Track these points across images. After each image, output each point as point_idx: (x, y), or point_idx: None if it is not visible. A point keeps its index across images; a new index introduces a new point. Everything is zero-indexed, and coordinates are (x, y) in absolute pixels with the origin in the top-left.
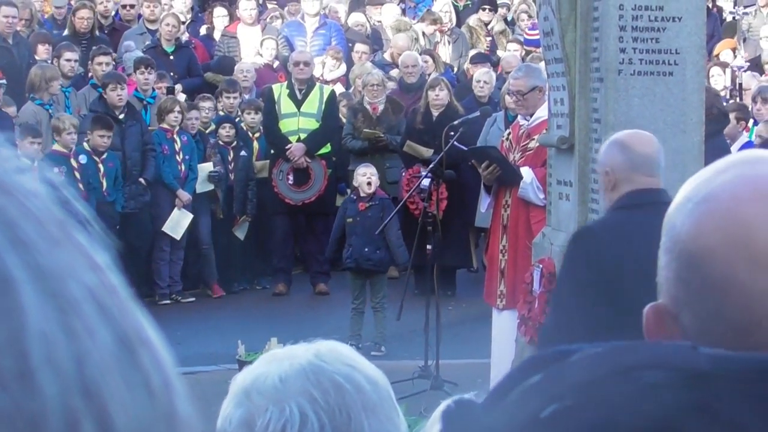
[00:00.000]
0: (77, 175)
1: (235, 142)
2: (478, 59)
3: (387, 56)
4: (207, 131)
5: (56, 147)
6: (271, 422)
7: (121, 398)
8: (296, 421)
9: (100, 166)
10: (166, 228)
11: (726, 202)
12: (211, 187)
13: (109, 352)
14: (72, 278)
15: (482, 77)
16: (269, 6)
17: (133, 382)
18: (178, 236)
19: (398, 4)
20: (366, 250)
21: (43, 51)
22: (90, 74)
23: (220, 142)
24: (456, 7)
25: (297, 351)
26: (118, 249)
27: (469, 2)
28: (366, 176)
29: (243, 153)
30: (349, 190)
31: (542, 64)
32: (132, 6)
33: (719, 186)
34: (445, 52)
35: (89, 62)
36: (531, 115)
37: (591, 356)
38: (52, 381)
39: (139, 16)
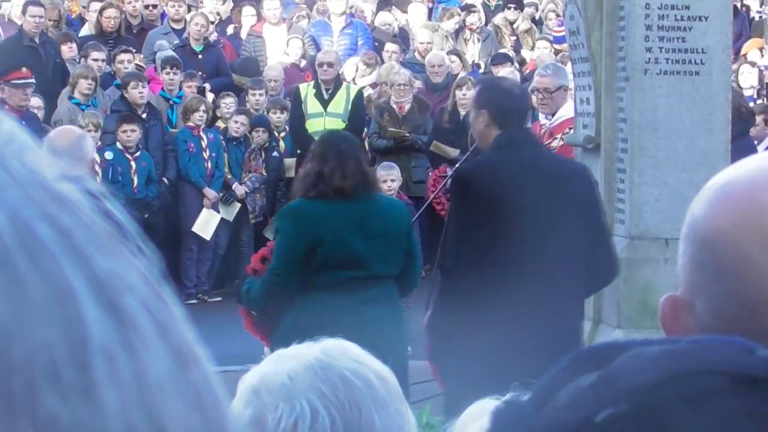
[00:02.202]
0: (97, 168)
1: (267, 143)
2: (500, 60)
3: (417, 56)
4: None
5: None
6: (283, 419)
7: (177, 415)
8: (307, 416)
9: (132, 163)
10: (196, 228)
11: (743, 185)
12: (237, 206)
13: (165, 368)
14: (128, 291)
15: (507, 76)
16: (298, 3)
17: (188, 399)
18: (207, 236)
19: (426, 4)
20: None
21: (66, 50)
22: (115, 74)
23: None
24: (487, 7)
25: (304, 349)
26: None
27: (500, 1)
28: (386, 182)
29: (275, 154)
30: None
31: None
32: (155, 6)
33: (739, 174)
34: (474, 51)
35: (113, 61)
36: (553, 114)
37: (646, 358)
38: (114, 395)
39: (163, 15)
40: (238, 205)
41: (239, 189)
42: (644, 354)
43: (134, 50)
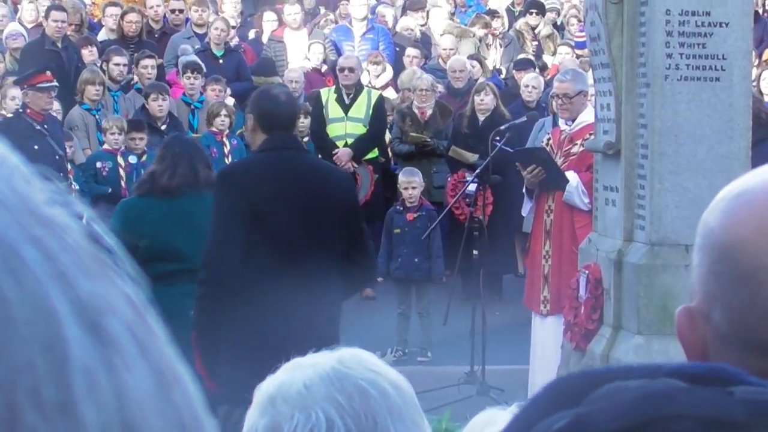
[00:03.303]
0: (122, 173)
1: None
2: (522, 65)
3: (440, 61)
4: None
5: (105, 146)
6: (298, 429)
7: None
8: (323, 426)
9: (143, 170)
10: None
11: (760, 194)
12: None
13: (146, 388)
14: (111, 312)
15: (531, 82)
16: (322, 11)
17: (168, 418)
18: None
19: (451, 6)
20: (416, 260)
21: (87, 54)
22: (134, 79)
23: None
24: (512, 12)
25: (320, 358)
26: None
27: (523, 7)
28: (407, 189)
29: None
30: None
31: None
32: (181, 11)
33: (754, 182)
34: (496, 56)
35: (134, 66)
36: (573, 120)
37: (620, 400)
38: (94, 414)
39: (187, 20)
40: None
41: None
42: (619, 395)
43: (158, 56)
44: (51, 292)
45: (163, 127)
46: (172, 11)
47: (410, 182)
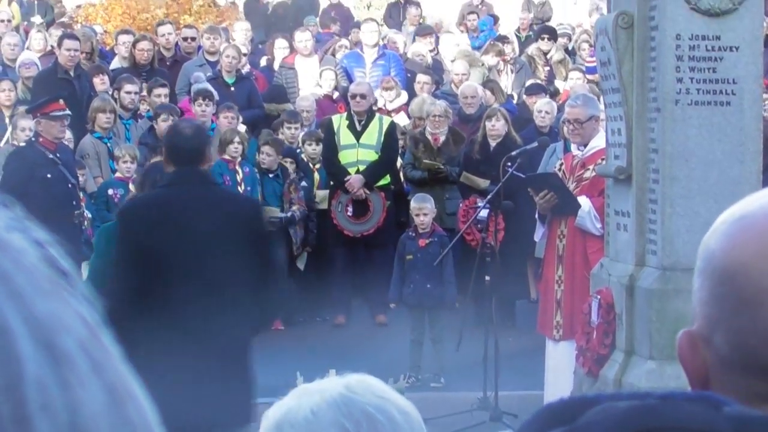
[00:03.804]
0: None
1: (294, 175)
2: (533, 90)
3: (453, 87)
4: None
5: (117, 174)
6: None
7: None
8: None
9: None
10: None
11: (761, 218)
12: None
13: (99, 403)
14: (65, 331)
15: (544, 107)
16: (333, 34)
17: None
18: None
19: (462, 32)
20: (428, 286)
21: (98, 82)
22: (145, 107)
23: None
24: (518, 38)
25: (327, 384)
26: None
27: (531, 33)
28: (419, 215)
29: (303, 184)
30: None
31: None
32: (193, 38)
33: (755, 206)
34: (508, 82)
35: (147, 94)
36: (585, 145)
37: (612, 415)
38: (47, 428)
39: (199, 47)
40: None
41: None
42: (611, 411)
43: (169, 84)
44: (6, 311)
45: None
46: (185, 39)
47: (422, 209)
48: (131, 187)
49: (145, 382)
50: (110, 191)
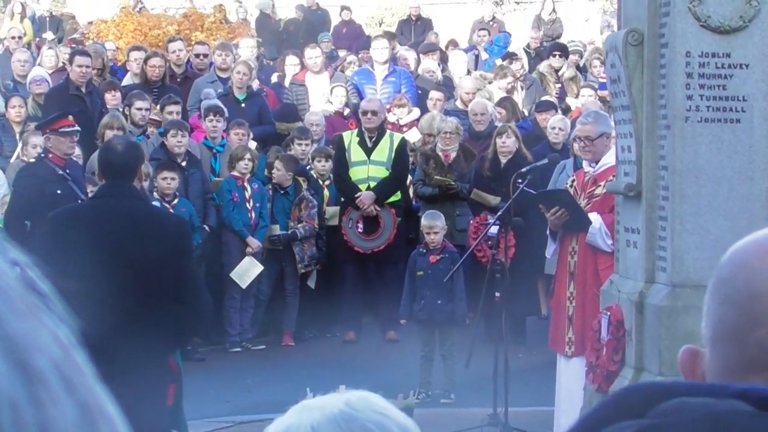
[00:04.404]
0: None
1: (306, 192)
2: (544, 107)
3: (459, 103)
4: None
5: None
6: None
7: None
8: None
9: (171, 212)
10: (234, 275)
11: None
12: (280, 247)
13: (71, 421)
14: (38, 350)
15: (557, 124)
16: (341, 54)
17: None
18: (244, 285)
19: (470, 52)
20: (439, 302)
21: (110, 98)
22: (153, 129)
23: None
24: (528, 54)
25: (328, 400)
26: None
27: (543, 47)
28: (429, 234)
29: (315, 203)
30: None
31: None
32: (205, 55)
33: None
34: (518, 99)
35: (160, 111)
36: (597, 162)
37: (688, 419)
38: None
39: (211, 64)
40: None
41: (296, 236)
42: (686, 412)
43: (181, 100)
44: None
45: (183, 164)
46: (197, 55)
47: (432, 227)
48: None
49: None
50: None
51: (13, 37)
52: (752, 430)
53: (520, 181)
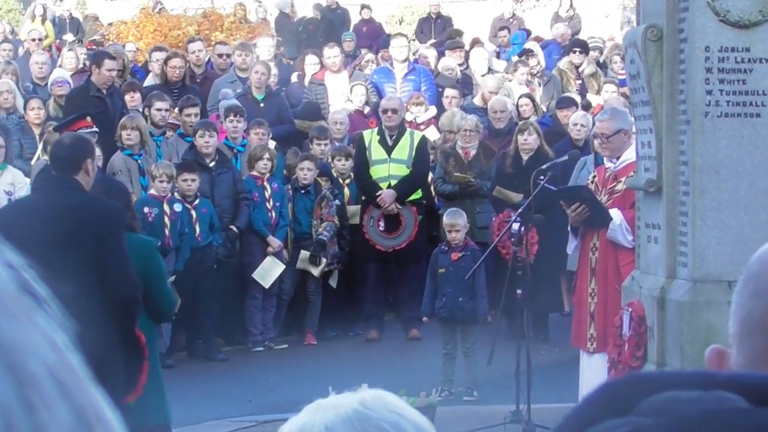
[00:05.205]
0: (167, 221)
1: (327, 191)
2: (565, 103)
3: (477, 101)
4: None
5: (152, 191)
6: None
7: None
8: None
9: (193, 212)
10: (256, 275)
11: None
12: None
13: (66, 426)
14: (31, 354)
15: (579, 120)
16: (362, 51)
17: None
18: (267, 284)
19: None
20: (460, 299)
21: (129, 100)
22: (171, 133)
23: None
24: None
25: (342, 400)
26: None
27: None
28: (451, 232)
29: (336, 202)
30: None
31: None
32: (228, 55)
33: None
34: (536, 94)
35: (179, 112)
36: (617, 158)
37: (682, 418)
38: None
39: (232, 63)
40: (324, 260)
41: (325, 241)
42: (677, 409)
43: (201, 101)
44: None
45: (211, 165)
46: (219, 56)
47: (454, 225)
48: (165, 207)
49: None
50: (146, 209)
51: (34, 39)
52: (748, 428)
53: (541, 178)
